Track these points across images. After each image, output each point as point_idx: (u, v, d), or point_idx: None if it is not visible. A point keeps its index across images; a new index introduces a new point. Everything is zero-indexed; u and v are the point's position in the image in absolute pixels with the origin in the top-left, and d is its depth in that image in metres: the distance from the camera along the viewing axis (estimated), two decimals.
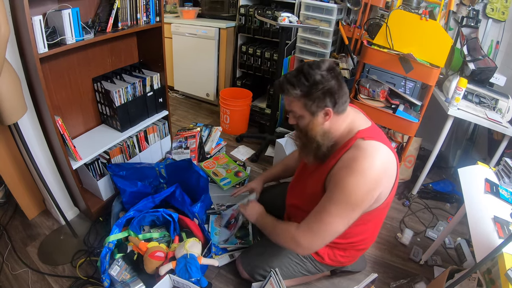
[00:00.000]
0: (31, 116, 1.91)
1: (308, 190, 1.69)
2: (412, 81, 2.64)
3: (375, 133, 1.52)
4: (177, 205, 2.21)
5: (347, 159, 1.44)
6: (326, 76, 1.42)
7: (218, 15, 4.00)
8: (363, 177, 1.38)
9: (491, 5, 2.75)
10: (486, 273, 1.48)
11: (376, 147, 1.45)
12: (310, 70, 1.43)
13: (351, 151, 1.45)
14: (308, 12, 3.17)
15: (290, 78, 1.47)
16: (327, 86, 1.42)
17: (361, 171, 1.38)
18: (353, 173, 1.39)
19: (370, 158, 1.40)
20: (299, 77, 1.44)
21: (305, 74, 1.43)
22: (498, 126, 2.29)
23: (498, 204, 1.67)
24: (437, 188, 2.93)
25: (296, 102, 1.49)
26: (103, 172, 2.37)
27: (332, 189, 1.46)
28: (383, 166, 1.43)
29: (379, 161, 1.42)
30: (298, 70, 1.47)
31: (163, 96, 2.66)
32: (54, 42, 1.72)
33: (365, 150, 1.42)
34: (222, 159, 2.90)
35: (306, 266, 1.86)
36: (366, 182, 1.39)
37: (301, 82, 1.44)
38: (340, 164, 1.46)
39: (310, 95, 1.44)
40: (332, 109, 1.45)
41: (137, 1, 2.12)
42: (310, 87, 1.43)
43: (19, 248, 2.16)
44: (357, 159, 1.40)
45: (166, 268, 1.77)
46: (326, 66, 1.44)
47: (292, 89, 1.45)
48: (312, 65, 1.45)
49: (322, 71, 1.42)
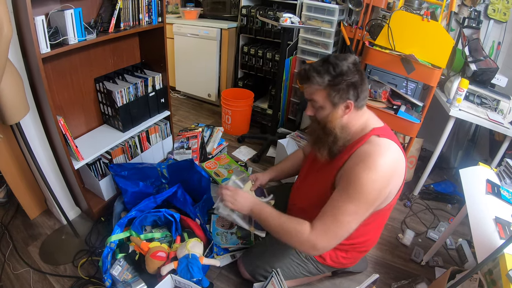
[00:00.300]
0: (33, 116, 1.91)
1: (316, 188, 1.68)
2: (413, 82, 2.64)
3: (388, 132, 1.53)
4: (179, 205, 2.21)
5: (361, 153, 1.44)
6: (352, 69, 1.43)
7: (220, 16, 4.00)
8: (378, 173, 1.38)
9: (493, 6, 2.74)
10: (487, 274, 1.48)
11: (390, 145, 1.46)
12: (337, 61, 1.43)
13: (366, 146, 1.46)
14: (310, 13, 3.18)
15: (317, 66, 1.47)
16: (353, 78, 1.43)
17: (376, 167, 1.38)
18: (369, 169, 1.38)
19: (384, 155, 1.41)
20: (326, 66, 1.44)
21: (332, 64, 1.43)
22: (500, 127, 2.29)
23: (499, 205, 1.67)
24: (438, 189, 2.93)
25: (319, 91, 1.48)
26: (105, 172, 2.37)
27: (347, 187, 1.43)
28: (394, 164, 1.44)
29: (392, 159, 1.43)
30: (324, 60, 1.47)
31: (165, 97, 2.66)
32: (56, 42, 1.73)
33: (380, 146, 1.43)
34: (224, 160, 2.90)
35: (307, 267, 1.85)
36: (380, 179, 1.39)
37: (328, 71, 1.43)
38: (353, 159, 1.46)
39: (335, 85, 1.44)
40: (354, 102, 1.46)
41: (139, 2, 2.12)
42: (336, 76, 1.43)
43: (20, 248, 2.16)
44: (372, 155, 1.40)
45: (168, 268, 1.77)
46: (352, 59, 1.46)
47: (319, 77, 1.45)
48: (339, 56, 1.46)
49: (349, 63, 1.44)
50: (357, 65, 1.46)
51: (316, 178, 1.71)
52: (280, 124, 3.69)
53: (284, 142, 2.83)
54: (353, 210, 1.41)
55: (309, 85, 1.50)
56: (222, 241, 2.19)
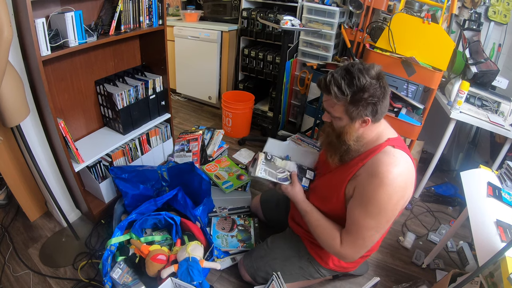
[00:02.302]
0: (34, 119, 1.91)
1: (328, 190, 1.65)
2: (414, 84, 2.64)
3: (402, 144, 1.51)
4: (179, 208, 2.21)
5: (375, 164, 1.42)
6: (375, 85, 1.36)
7: (220, 18, 4.01)
8: (393, 187, 1.37)
9: (493, 8, 2.75)
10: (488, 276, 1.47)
11: (404, 157, 1.43)
12: (360, 75, 1.35)
13: (380, 156, 1.43)
14: (310, 15, 3.18)
15: (338, 78, 1.39)
16: (373, 96, 1.36)
17: (391, 181, 1.36)
18: (384, 185, 1.36)
19: (398, 166, 1.38)
20: (348, 78, 1.37)
21: (355, 77, 1.36)
22: (501, 129, 2.29)
23: (500, 207, 1.67)
24: (439, 191, 2.92)
25: (338, 105, 1.43)
26: (105, 174, 2.37)
27: (365, 203, 1.43)
28: (408, 175, 1.42)
29: (405, 170, 1.41)
30: (347, 71, 1.39)
31: (165, 99, 2.66)
32: (57, 45, 1.73)
33: (395, 157, 1.40)
34: (224, 162, 2.89)
35: (309, 271, 1.85)
36: (396, 192, 1.38)
37: (349, 85, 1.37)
38: (368, 170, 1.44)
39: (354, 101, 1.38)
40: (371, 118, 1.42)
41: (140, 4, 2.12)
42: (356, 93, 1.36)
43: (20, 250, 2.16)
44: (386, 167, 1.38)
45: (168, 271, 1.77)
46: (376, 72, 1.38)
47: (339, 91, 1.38)
48: (363, 69, 1.37)
49: (372, 79, 1.36)
50: (380, 79, 1.38)
51: (329, 180, 1.67)
52: (281, 126, 3.69)
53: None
54: (374, 225, 1.44)
55: (329, 97, 1.44)
56: (223, 244, 2.19)
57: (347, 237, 1.52)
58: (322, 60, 3.30)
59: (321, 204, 1.68)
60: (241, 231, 2.28)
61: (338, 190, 1.56)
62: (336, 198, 1.57)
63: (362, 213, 1.45)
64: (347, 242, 1.52)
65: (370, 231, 1.45)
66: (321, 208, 1.67)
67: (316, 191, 1.75)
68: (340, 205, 1.58)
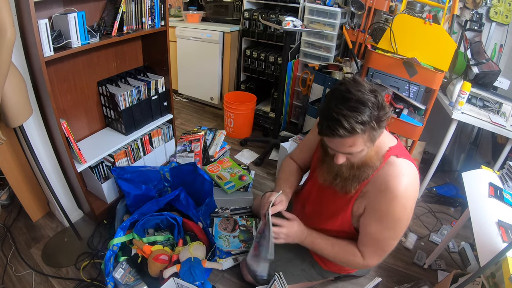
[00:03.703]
0: (37, 119, 1.92)
1: (331, 210, 1.63)
2: (416, 85, 2.65)
3: (403, 150, 1.47)
4: (182, 208, 2.21)
5: (383, 177, 1.38)
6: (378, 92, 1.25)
7: (222, 19, 4.01)
8: (406, 199, 1.36)
9: (495, 9, 2.75)
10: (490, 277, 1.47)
11: (409, 165, 1.40)
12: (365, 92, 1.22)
13: (386, 168, 1.39)
14: (312, 16, 3.18)
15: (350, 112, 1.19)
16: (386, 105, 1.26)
17: (403, 193, 1.35)
18: (397, 199, 1.35)
19: (407, 176, 1.36)
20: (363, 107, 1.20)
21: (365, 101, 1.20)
22: (502, 130, 2.29)
23: (502, 208, 1.67)
24: (441, 192, 2.92)
25: (359, 139, 1.25)
26: (107, 175, 2.38)
27: (380, 219, 1.43)
28: (416, 184, 1.42)
29: (413, 180, 1.40)
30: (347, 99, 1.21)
31: (167, 100, 2.67)
32: (59, 46, 1.74)
33: (401, 167, 1.37)
34: (226, 163, 2.90)
35: (310, 273, 1.85)
36: (409, 202, 1.38)
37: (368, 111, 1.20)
38: (376, 184, 1.41)
39: (378, 123, 1.23)
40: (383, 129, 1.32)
41: (142, 5, 2.13)
42: (378, 113, 1.22)
43: (23, 250, 2.17)
44: (396, 180, 1.35)
45: (170, 271, 1.77)
46: (369, 87, 1.25)
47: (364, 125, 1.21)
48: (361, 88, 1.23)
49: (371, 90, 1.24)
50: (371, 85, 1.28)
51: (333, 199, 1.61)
52: (283, 127, 3.69)
53: (286, 145, 2.83)
54: (392, 235, 1.46)
55: (346, 139, 1.24)
56: (225, 244, 2.19)
57: (367, 249, 1.53)
58: (324, 61, 3.30)
59: (327, 223, 1.68)
60: (243, 231, 2.28)
61: (344, 209, 1.56)
62: (342, 216, 1.57)
63: (379, 228, 1.45)
64: (368, 254, 1.53)
65: (389, 240, 1.47)
66: (327, 226, 1.67)
67: (321, 212, 1.71)
68: (347, 222, 1.59)
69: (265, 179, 3.04)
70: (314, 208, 1.77)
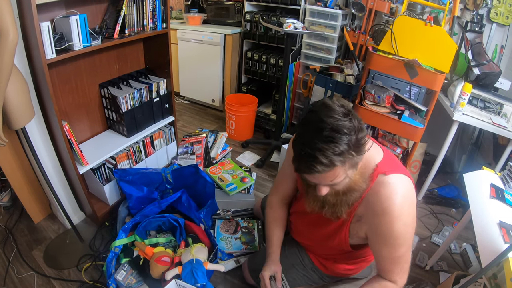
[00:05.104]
0: (39, 121, 1.93)
1: (326, 236, 1.62)
2: (417, 87, 2.65)
3: (391, 164, 1.40)
4: (183, 210, 2.21)
5: (375, 201, 1.33)
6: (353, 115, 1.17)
7: (223, 21, 4.01)
8: (405, 216, 1.32)
9: (495, 10, 2.75)
10: (492, 278, 1.47)
11: (400, 181, 1.33)
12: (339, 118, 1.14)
13: (376, 190, 1.32)
14: (313, 18, 3.19)
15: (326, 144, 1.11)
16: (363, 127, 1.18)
17: (401, 212, 1.30)
18: (396, 218, 1.30)
19: (399, 192, 1.30)
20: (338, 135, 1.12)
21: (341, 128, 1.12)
22: (503, 131, 2.29)
23: (503, 209, 1.67)
24: (442, 193, 2.92)
25: (340, 169, 1.17)
26: (109, 177, 2.38)
27: (387, 241, 1.37)
28: (411, 195, 1.36)
29: (407, 193, 1.34)
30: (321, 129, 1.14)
31: (169, 102, 2.68)
32: (61, 48, 1.75)
33: (392, 185, 1.30)
34: (228, 165, 2.90)
35: (312, 278, 1.84)
36: (409, 217, 1.34)
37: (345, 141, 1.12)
38: (369, 208, 1.36)
39: (357, 149, 1.16)
40: None
41: (144, 8, 2.14)
42: (356, 140, 1.14)
43: (24, 252, 2.17)
44: (390, 201, 1.29)
45: (172, 273, 1.77)
46: (342, 110, 1.17)
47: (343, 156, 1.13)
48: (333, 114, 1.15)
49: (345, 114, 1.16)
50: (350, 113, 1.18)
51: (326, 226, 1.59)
52: (284, 129, 3.69)
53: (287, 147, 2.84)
54: (405, 248, 1.39)
55: (325, 173, 1.17)
56: (226, 246, 2.19)
57: (394, 272, 1.44)
58: (325, 62, 3.31)
59: (324, 248, 1.70)
60: (245, 233, 2.28)
61: (339, 234, 1.53)
62: (339, 239, 1.55)
63: (390, 250, 1.40)
64: (397, 275, 1.43)
65: (405, 254, 1.41)
66: (325, 251, 1.70)
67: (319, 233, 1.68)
68: (345, 244, 1.55)
69: (267, 181, 3.04)
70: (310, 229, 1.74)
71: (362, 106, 2.50)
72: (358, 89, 2.64)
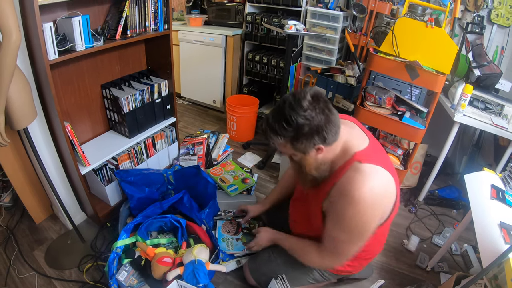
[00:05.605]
0: (41, 122, 1.94)
1: (308, 211, 1.72)
2: (417, 88, 2.65)
3: (372, 154, 1.47)
4: (185, 211, 2.22)
5: (343, 184, 1.41)
6: (310, 115, 1.30)
7: (225, 23, 4.03)
8: (361, 205, 1.36)
9: (496, 11, 2.76)
10: (492, 279, 1.48)
11: (374, 171, 1.40)
12: (292, 113, 1.30)
13: (347, 174, 1.41)
14: (314, 20, 3.20)
15: (272, 124, 1.37)
16: (313, 126, 1.31)
17: (359, 200, 1.35)
18: (352, 204, 1.37)
19: (368, 183, 1.36)
20: (281, 123, 1.33)
21: (287, 118, 1.31)
22: (504, 132, 2.29)
23: (504, 210, 1.67)
24: (443, 194, 2.92)
25: (283, 146, 1.41)
26: (111, 177, 2.39)
27: (336, 220, 1.48)
28: (381, 189, 1.41)
29: (377, 185, 1.38)
30: (279, 112, 1.35)
31: (171, 103, 2.68)
32: (64, 49, 1.75)
33: (363, 174, 1.37)
34: (229, 166, 2.91)
35: (313, 275, 1.85)
36: (366, 209, 1.38)
37: (284, 128, 1.33)
38: (337, 190, 1.44)
39: (296, 139, 1.35)
40: (323, 144, 1.37)
41: (146, 9, 2.15)
42: (294, 132, 1.33)
43: (26, 252, 2.18)
44: (354, 186, 1.36)
45: (174, 274, 1.78)
46: (309, 100, 1.31)
47: (277, 138, 1.37)
48: (293, 103, 1.31)
49: (305, 111, 1.30)
50: (317, 103, 1.32)
51: (308, 204, 1.72)
52: None
53: None
54: (347, 239, 1.49)
55: (273, 142, 1.42)
56: (228, 246, 2.19)
57: (325, 249, 1.60)
58: (326, 64, 3.32)
59: (308, 228, 1.75)
60: (246, 234, 2.29)
61: (316, 212, 1.61)
62: (315, 218, 1.63)
63: (333, 229, 1.51)
64: (326, 253, 1.61)
65: (344, 244, 1.51)
66: (309, 233, 1.75)
67: (301, 211, 1.83)
68: (320, 220, 1.61)
69: (268, 182, 3.04)
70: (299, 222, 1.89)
71: (363, 107, 2.50)
72: (359, 90, 2.64)
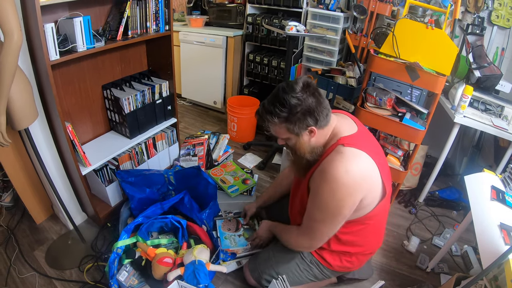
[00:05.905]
0: (42, 122, 1.94)
1: (302, 199, 1.75)
2: (418, 89, 2.65)
3: (358, 140, 1.55)
4: (186, 211, 2.22)
5: (324, 164, 1.50)
6: (302, 97, 1.45)
7: (225, 24, 4.03)
8: (337, 184, 1.43)
9: (496, 12, 2.76)
10: (492, 280, 1.48)
11: (354, 154, 1.48)
12: (285, 95, 1.45)
13: (330, 155, 1.50)
14: (315, 21, 3.20)
15: (268, 106, 1.51)
16: (305, 107, 1.45)
17: (335, 178, 1.43)
18: (327, 181, 1.45)
19: (346, 164, 1.43)
20: (275, 104, 1.48)
21: (281, 100, 1.46)
22: (504, 133, 2.30)
23: (504, 211, 1.67)
24: (443, 195, 2.92)
25: (278, 128, 1.54)
26: (111, 178, 2.39)
27: (312, 196, 1.56)
28: (360, 173, 1.46)
29: (355, 168, 1.45)
30: (274, 96, 1.51)
31: (171, 104, 2.69)
32: (65, 50, 1.75)
33: (342, 156, 1.46)
34: (230, 167, 2.91)
35: (313, 272, 1.86)
36: (340, 189, 1.44)
37: (278, 109, 1.47)
38: (318, 170, 1.53)
39: (289, 119, 1.48)
40: (315, 126, 1.50)
41: (147, 10, 2.15)
42: (288, 112, 1.46)
43: (26, 252, 2.18)
44: (332, 165, 1.45)
45: (174, 274, 1.78)
46: (300, 85, 1.46)
47: (271, 118, 1.50)
48: (286, 88, 1.47)
49: (297, 93, 1.44)
50: (308, 88, 1.47)
51: (300, 188, 1.77)
52: None
53: None
54: (320, 218, 1.56)
55: (268, 125, 1.56)
56: (231, 244, 2.20)
57: (301, 228, 1.71)
58: (326, 65, 3.32)
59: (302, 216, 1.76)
60: (247, 229, 2.30)
61: (304, 194, 1.68)
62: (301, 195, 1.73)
63: (311, 207, 1.59)
64: (300, 232, 1.72)
65: (317, 223, 1.59)
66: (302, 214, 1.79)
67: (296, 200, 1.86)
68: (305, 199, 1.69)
69: (268, 182, 3.05)
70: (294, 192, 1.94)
71: (363, 108, 2.50)
72: (359, 91, 2.64)
